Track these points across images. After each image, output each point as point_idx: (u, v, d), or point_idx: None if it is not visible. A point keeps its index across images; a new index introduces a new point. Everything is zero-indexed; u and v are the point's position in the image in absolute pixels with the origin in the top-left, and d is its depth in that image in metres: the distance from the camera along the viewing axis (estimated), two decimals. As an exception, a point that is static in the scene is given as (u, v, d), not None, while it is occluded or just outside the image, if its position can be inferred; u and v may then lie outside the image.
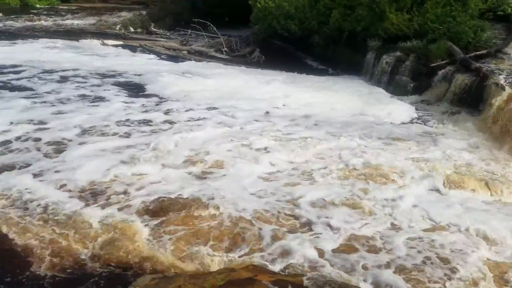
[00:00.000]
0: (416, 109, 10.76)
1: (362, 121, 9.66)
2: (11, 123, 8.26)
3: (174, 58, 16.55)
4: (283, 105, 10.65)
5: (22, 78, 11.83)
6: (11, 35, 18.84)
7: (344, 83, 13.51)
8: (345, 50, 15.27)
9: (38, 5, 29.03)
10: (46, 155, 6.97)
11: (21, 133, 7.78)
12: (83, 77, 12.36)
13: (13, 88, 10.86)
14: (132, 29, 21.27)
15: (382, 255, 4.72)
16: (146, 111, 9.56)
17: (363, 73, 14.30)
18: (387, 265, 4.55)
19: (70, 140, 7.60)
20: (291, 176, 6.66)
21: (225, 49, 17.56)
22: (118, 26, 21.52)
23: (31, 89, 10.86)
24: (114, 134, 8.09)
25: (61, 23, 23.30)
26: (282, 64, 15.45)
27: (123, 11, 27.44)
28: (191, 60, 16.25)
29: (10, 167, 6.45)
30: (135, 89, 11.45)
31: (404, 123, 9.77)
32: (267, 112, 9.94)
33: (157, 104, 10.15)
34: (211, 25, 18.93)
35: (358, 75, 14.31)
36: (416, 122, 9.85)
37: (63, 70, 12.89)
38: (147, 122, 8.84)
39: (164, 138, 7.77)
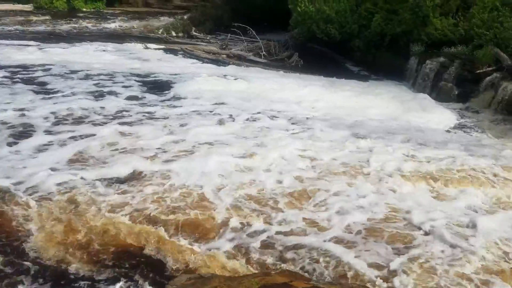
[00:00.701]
0: (461, 116, 10.44)
1: (406, 127, 9.45)
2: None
3: (213, 61, 16.75)
4: (319, 109, 10.59)
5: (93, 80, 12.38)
6: (59, 38, 19.64)
7: (385, 88, 13.28)
8: (387, 55, 15.00)
9: (84, 9, 30.14)
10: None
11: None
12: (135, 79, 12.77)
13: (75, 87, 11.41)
14: (173, 33, 21.73)
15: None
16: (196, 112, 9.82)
17: (405, 78, 13.99)
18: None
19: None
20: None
21: (264, 53, 17.62)
22: (161, 30, 22.04)
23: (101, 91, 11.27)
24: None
25: (106, 27, 24.10)
26: (321, 68, 15.34)
27: (165, 16, 28.08)
28: (229, 64, 16.40)
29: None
30: (174, 92, 11.67)
31: (449, 130, 9.49)
32: (307, 118, 9.87)
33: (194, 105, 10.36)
34: (251, 29, 19.05)
35: (399, 81, 14.02)
36: (462, 129, 9.54)
37: (114, 72, 13.35)
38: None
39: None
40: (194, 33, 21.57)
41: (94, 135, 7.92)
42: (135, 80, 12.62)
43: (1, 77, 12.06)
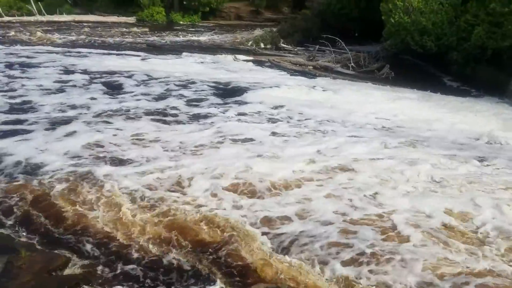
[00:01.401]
0: None
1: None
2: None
3: (299, 73, 16.63)
4: (417, 125, 9.91)
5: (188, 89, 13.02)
6: (155, 49, 20.89)
7: (484, 104, 12.18)
8: (488, 69, 13.79)
9: (181, 22, 31.86)
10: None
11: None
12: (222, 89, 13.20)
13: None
14: (262, 45, 22.08)
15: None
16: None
17: (508, 95, 12.70)
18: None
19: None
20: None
21: (352, 64, 17.15)
22: (250, 42, 22.53)
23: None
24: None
25: (199, 39, 25.20)
26: (414, 81, 14.54)
27: (256, 28, 28.70)
28: (316, 75, 16.17)
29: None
30: (246, 99, 11.84)
31: None
32: (391, 130, 9.31)
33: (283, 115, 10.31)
34: (340, 40, 18.69)
35: (501, 98, 12.77)
36: None
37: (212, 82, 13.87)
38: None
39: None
40: (282, 44, 21.72)
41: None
42: (211, 87, 13.08)
43: (83, 79, 13.42)
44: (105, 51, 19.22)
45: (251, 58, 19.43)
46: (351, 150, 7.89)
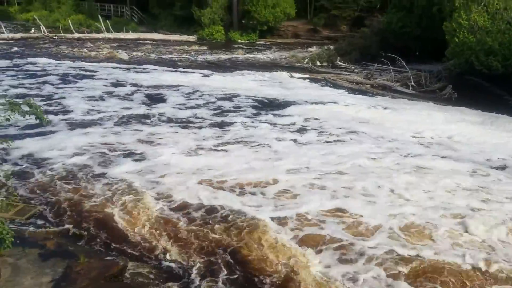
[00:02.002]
0: None
1: None
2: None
3: (357, 91, 16.35)
4: (481, 149, 9.38)
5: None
6: (211, 65, 21.42)
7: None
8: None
9: (239, 40, 32.51)
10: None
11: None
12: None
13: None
14: (318, 63, 22.03)
15: None
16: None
17: None
18: None
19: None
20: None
21: (413, 83, 16.63)
22: (306, 60, 22.55)
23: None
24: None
25: (256, 56, 25.57)
26: (478, 102, 13.86)
27: (312, 46, 28.71)
28: (374, 94, 15.84)
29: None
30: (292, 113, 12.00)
31: None
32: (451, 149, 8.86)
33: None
34: (400, 59, 18.24)
35: None
36: None
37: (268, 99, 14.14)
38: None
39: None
40: (339, 62, 21.53)
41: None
42: (257, 101, 13.45)
43: (129, 91, 14.32)
44: (163, 68, 19.99)
45: (306, 75, 19.41)
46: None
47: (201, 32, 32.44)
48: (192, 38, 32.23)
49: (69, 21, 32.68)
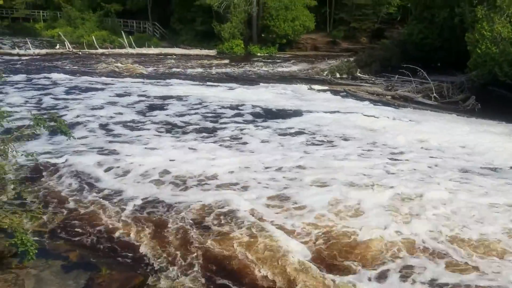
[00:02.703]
0: None
1: None
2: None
3: (377, 102, 16.22)
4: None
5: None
6: (233, 79, 21.58)
7: None
8: None
9: (259, 54, 32.74)
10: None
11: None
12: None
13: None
14: (338, 75, 21.97)
15: None
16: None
17: None
18: None
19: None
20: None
21: (435, 95, 16.40)
22: (325, 72, 22.52)
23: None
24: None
25: (276, 69, 25.66)
26: (502, 114, 13.57)
27: (332, 59, 28.68)
28: (395, 105, 15.69)
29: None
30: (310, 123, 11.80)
31: None
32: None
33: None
34: (421, 70, 18.05)
35: None
36: None
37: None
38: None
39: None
40: (359, 74, 21.43)
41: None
42: (275, 112, 13.56)
43: (134, 102, 14.75)
44: (184, 81, 20.23)
45: (326, 87, 19.36)
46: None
47: (221, 46, 32.79)
48: (212, 52, 32.61)
49: (93, 37, 33.48)
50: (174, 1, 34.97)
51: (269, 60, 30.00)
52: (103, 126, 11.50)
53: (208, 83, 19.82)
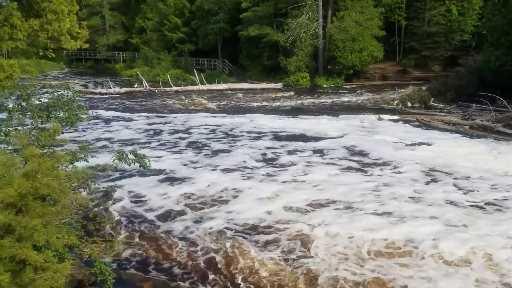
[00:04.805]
0: None
1: None
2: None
3: (454, 132, 15.39)
4: None
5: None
6: (303, 111, 21.66)
7: None
8: None
9: (325, 85, 32.69)
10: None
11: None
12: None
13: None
14: (409, 104, 21.26)
15: None
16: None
17: None
18: None
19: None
20: None
21: (517, 124, 15.26)
22: (396, 102, 21.89)
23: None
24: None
25: (342, 100, 25.41)
26: None
27: (402, 88, 27.87)
28: (473, 135, 14.79)
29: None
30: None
31: None
32: None
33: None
34: (500, 98, 16.96)
35: None
36: None
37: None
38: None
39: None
40: (432, 103, 20.59)
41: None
42: (346, 146, 13.17)
43: (210, 135, 15.48)
44: (245, 114, 20.72)
45: (396, 117, 18.77)
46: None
47: (287, 79, 33.23)
48: (278, 85, 33.09)
49: (168, 75, 35.48)
50: (243, 39, 36.25)
51: (335, 91, 29.83)
52: (179, 158, 11.96)
53: (275, 115, 20.06)
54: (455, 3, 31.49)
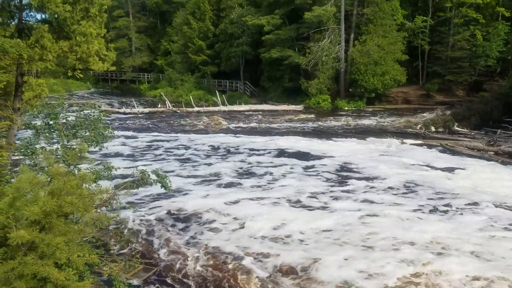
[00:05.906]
0: None
1: None
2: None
3: (480, 159, 15.06)
4: None
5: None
6: (324, 134, 21.61)
7: None
8: None
9: (346, 108, 32.60)
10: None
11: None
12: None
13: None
14: (433, 128, 20.97)
15: None
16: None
17: None
18: None
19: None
20: None
21: (546, 151, 14.85)
22: (419, 126, 21.63)
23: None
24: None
25: (363, 123, 25.25)
26: None
27: (425, 112, 27.54)
28: (499, 162, 14.45)
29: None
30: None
31: None
32: None
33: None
34: (527, 124, 16.60)
35: None
36: None
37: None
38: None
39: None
40: (456, 128, 20.26)
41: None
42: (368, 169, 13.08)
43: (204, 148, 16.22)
44: (262, 135, 20.84)
45: (419, 141, 18.51)
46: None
47: (308, 101, 33.29)
48: (299, 107, 33.16)
49: (190, 96, 36.01)
50: (264, 61, 36.62)
51: (357, 114, 29.68)
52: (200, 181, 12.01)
53: (300, 138, 20.10)
54: (480, 28, 31.24)
